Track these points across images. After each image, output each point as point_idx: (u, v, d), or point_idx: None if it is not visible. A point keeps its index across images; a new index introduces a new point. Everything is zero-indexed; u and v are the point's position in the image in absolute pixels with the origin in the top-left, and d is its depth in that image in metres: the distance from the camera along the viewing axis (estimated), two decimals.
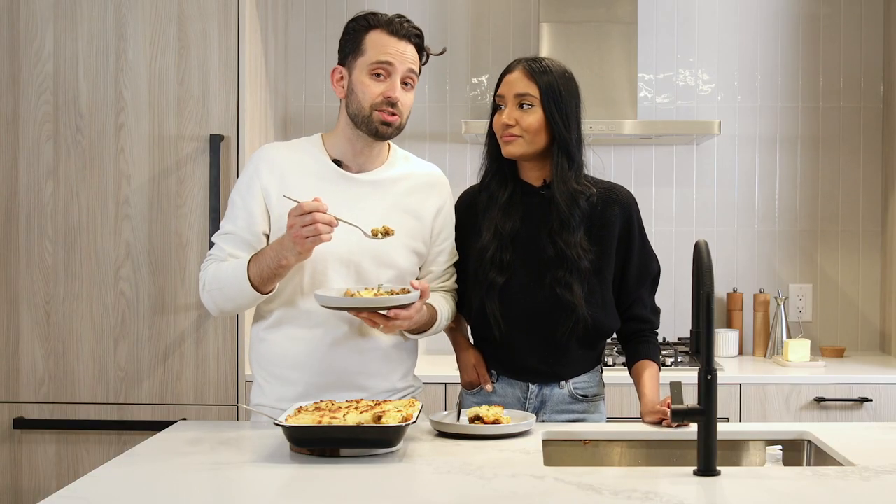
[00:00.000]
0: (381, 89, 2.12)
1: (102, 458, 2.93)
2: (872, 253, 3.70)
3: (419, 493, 1.65)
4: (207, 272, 2.16)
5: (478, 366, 2.32)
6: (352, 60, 2.15)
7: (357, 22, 2.16)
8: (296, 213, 1.98)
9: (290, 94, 3.69)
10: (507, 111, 2.21)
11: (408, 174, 2.25)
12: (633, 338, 2.35)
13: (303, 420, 1.85)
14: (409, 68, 2.14)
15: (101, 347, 3.01)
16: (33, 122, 3.01)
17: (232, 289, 2.11)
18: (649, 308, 2.35)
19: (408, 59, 2.14)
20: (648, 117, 3.68)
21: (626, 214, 2.29)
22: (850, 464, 1.83)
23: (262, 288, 2.09)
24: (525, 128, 2.20)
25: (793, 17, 3.71)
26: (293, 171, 2.16)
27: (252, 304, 2.16)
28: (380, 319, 2.04)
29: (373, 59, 2.12)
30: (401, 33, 2.13)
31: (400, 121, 2.15)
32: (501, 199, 2.26)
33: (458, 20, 3.71)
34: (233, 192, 2.21)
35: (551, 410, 2.28)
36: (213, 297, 2.15)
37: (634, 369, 2.32)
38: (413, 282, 2.07)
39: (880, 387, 3.12)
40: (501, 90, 2.25)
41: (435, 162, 2.43)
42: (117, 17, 3.00)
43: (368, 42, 2.13)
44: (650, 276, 2.35)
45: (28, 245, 3.01)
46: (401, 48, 2.13)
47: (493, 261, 2.22)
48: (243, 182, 2.19)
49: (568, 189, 2.21)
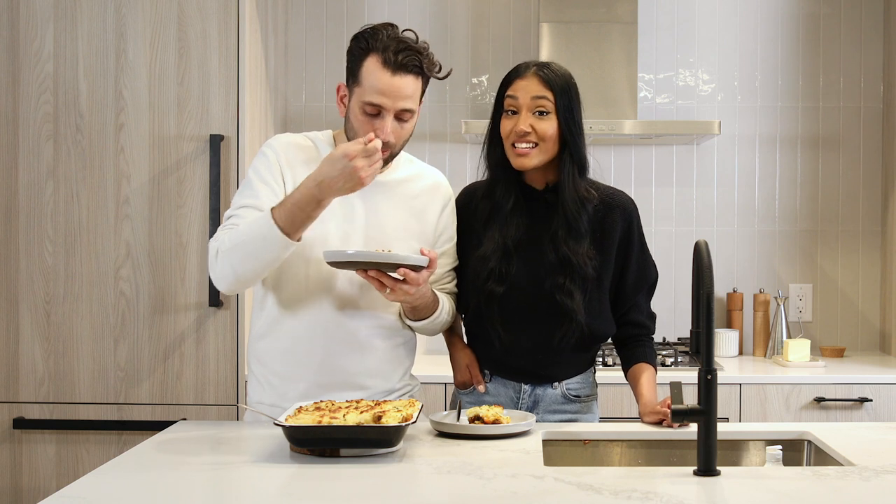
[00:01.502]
0: (373, 127, 2.06)
1: (102, 458, 2.94)
2: (872, 253, 3.70)
3: (419, 493, 1.65)
4: (221, 238, 2.05)
5: (471, 366, 2.31)
6: (352, 85, 2.11)
7: (358, 42, 2.10)
8: (358, 153, 1.94)
9: (290, 94, 3.69)
10: (522, 117, 2.17)
11: (412, 177, 2.25)
12: (629, 342, 2.34)
13: (303, 420, 1.85)
14: (403, 108, 2.07)
15: (101, 347, 3.01)
16: (33, 122, 3.01)
17: (255, 242, 1.99)
18: (645, 313, 2.35)
19: (402, 95, 2.06)
20: (648, 117, 3.68)
21: (627, 220, 2.29)
22: (850, 464, 1.83)
23: (292, 231, 1.98)
24: (541, 135, 2.16)
25: (793, 17, 3.71)
26: (304, 163, 2.15)
27: (275, 259, 2.02)
28: (388, 281, 1.99)
29: (365, 97, 2.06)
30: (396, 67, 2.04)
31: (391, 152, 2.12)
32: (506, 208, 2.24)
33: (458, 20, 3.71)
34: (249, 172, 2.15)
35: (544, 410, 2.28)
36: (231, 258, 2.02)
37: (631, 372, 2.31)
38: (423, 248, 2.05)
39: (880, 387, 3.12)
40: (515, 94, 2.19)
41: (435, 162, 2.44)
42: (117, 17, 3.00)
43: (365, 72, 2.06)
44: (648, 283, 2.35)
45: (28, 245, 3.01)
46: (395, 84, 2.04)
47: (493, 272, 2.21)
48: (261, 162, 2.15)
49: (578, 196, 2.20)
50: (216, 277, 2.09)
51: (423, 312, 2.17)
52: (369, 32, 2.09)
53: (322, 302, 2.14)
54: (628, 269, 2.30)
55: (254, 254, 2.00)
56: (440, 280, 2.28)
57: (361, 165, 1.95)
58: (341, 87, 2.16)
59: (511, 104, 2.20)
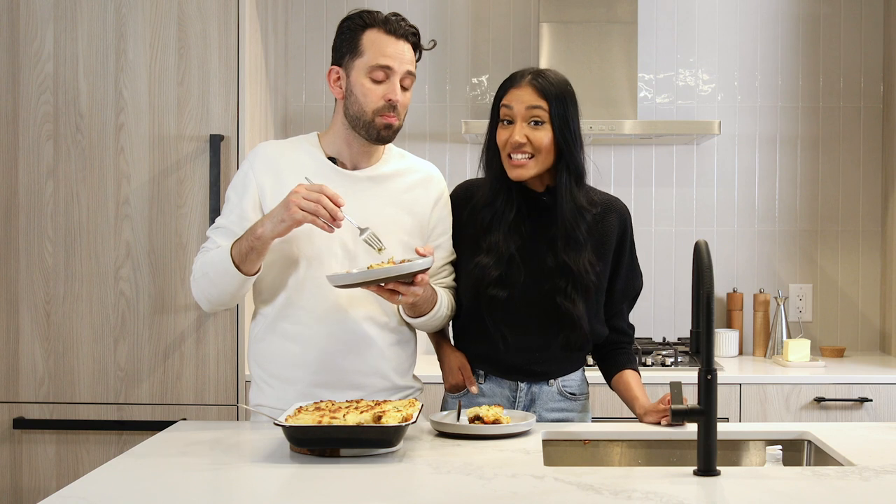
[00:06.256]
0: (382, 92, 2.11)
1: (102, 458, 2.94)
2: (872, 253, 3.70)
3: (419, 493, 1.65)
4: (196, 262, 2.16)
5: (462, 368, 2.30)
6: (349, 61, 2.14)
7: (352, 21, 2.15)
8: (307, 187, 1.98)
9: (290, 94, 3.69)
10: (517, 128, 2.16)
11: (403, 170, 2.25)
12: (612, 348, 2.35)
13: (303, 420, 1.85)
14: (408, 70, 2.14)
15: (101, 347, 3.01)
16: (33, 122, 3.01)
17: (217, 273, 2.09)
18: (627, 322, 2.36)
19: (406, 59, 2.13)
20: (648, 117, 3.68)
21: (622, 226, 2.29)
22: (850, 464, 1.83)
23: (243, 266, 2.05)
24: (536, 146, 2.15)
25: (793, 18, 3.71)
26: (289, 168, 2.16)
27: (237, 291, 2.11)
28: (402, 289, 2.00)
29: (372, 61, 2.11)
30: (398, 33, 2.12)
31: (398, 122, 2.15)
32: (508, 218, 2.22)
33: (458, 20, 3.71)
34: (228, 188, 2.21)
35: (541, 408, 2.28)
36: (200, 284, 2.14)
37: (618, 377, 2.31)
38: (418, 248, 2.06)
39: (880, 387, 3.12)
40: (510, 104, 2.18)
41: (435, 162, 2.43)
42: (117, 17, 3.00)
43: (366, 42, 2.12)
44: (634, 292, 2.36)
45: (28, 245, 3.01)
46: (399, 48, 2.12)
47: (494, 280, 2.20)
48: (239, 178, 2.19)
49: (576, 206, 2.19)
50: (195, 297, 2.19)
51: (423, 308, 2.15)
52: (363, 11, 2.16)
53: (318, 302, 2.14)
54: (618, 276, 2.30)
55: (218, 285, 2.11)
56: (437, 274, 2.27)
57: (297, 191, 1.97)
58: (333, 70, 2.18)
59: (506, 114, 2.19)
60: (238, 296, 2.14)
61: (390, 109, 2.12)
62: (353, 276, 1.98)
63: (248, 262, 2.06)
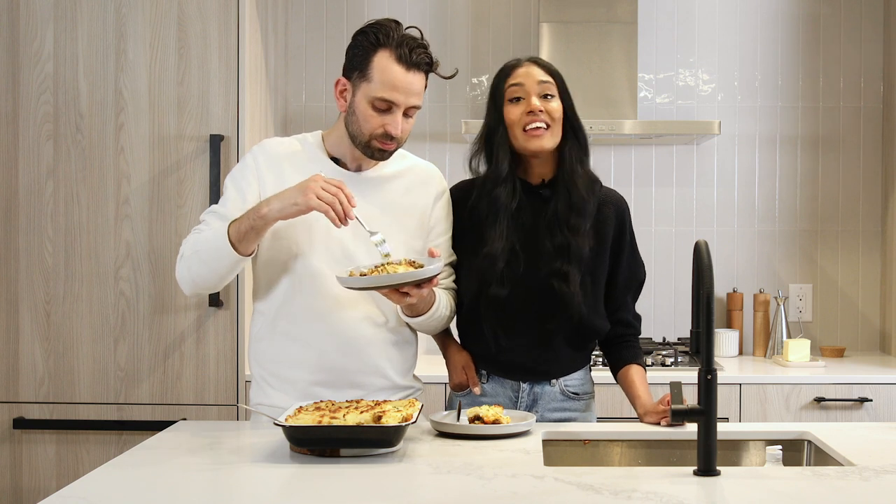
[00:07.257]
0: (383, 122, 2.07)
1: (102, 458, 2.94)
2: (872, 253, 3.70)
3: (419, 493, 1.65)
4: (186, 241, 2.12)
5: (467, 367, 2.30)
6: (357, 79, 2.09)
7: (366, 37, 2.08)
8: (326, 179, 1.97)
9: (290, 94, 3.69)
10: (531, 100, 2.19)
11: (403, 171, 2.24)
12: (618, 342, 2.35)
13: (303, 420, 1.85)
14: (413, 104, 2.09)
15: (101, 347, 3.01)
16: (33, 122, 3.01)
17: (209, 251, 2.05)
18: (632, 314, 2.36)
19: (413, 91, 2.07)
20: (648, 117, 3.68)
21: (620, 216, 2.30)
22: (850, 464, 1.83)
23: (240, 245, 2.02)
24: (551, 115, 2.19)
25: (793, 18, 3.71)
26: (292, 165, 2.16)
27: (227, 272, 2.08)
28: (413, 291, 1.99)
29: (377, 92, 2.05)
30: (410, 62, 2.06)
31: (397, 146, 2.14)
32: (511, 209, 2.22)
33: (458, 20, 3.71)
34: (227, 178, 2.19)
35: (543, 408, 2.28)
36: (188, 262, 2.09)
37: (623, 372, 2.31)
38: (432, 248, 2.07)
39: (880, 387, 3.12)
40: (520, 81, 2.21)
41: (435, 162, 2.43)
42: (117, 17, 3.00)
43: (375, 66, 2.05)
44: (637, 283, 2.36)
45: (28, 245, 3.01)
46: (408, 80, 2.06)
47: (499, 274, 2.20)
48: (239, 169, 2.18)
49: (587, 176, 2.24)
50: (178, 279, 2.15)
51: (420, 308, 2.15)
52: (377, 27, 2.09)
53: (317, 301, 2.14)
54: (619, 267, 2.30)
55: (208, 263, 2.07)
56: None
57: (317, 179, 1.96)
58: (340, 82, 2.14)
59: (516, 91, 2.22)
60: (226, 278, 2.10)
61: (388, 138, 2.09)
62: (372, 279, 1.97)
63: (246, 241, 2.03)
